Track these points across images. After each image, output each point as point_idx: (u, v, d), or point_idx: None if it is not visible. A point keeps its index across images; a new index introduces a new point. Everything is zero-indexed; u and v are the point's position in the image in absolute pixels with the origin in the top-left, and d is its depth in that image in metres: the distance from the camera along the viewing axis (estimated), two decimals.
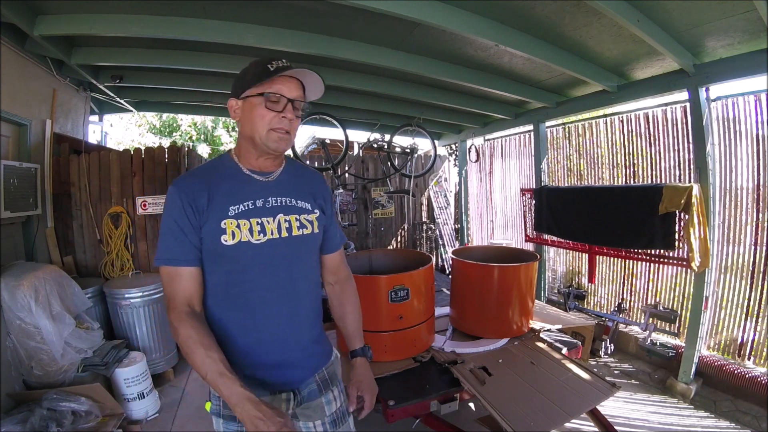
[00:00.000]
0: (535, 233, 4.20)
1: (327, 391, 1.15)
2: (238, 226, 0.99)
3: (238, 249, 0.98)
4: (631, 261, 3.59)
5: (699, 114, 2.80)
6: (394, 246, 5.95)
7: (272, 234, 1.02)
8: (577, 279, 4.31)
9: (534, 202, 4.11)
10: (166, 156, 3.47)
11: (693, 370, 2.90)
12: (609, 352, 3.47)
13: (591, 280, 3.76)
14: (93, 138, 5.12)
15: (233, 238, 0.98)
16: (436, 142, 5.33)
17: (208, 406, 1.06)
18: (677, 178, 3.28)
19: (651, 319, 3.40)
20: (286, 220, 1.05)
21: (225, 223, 0.98)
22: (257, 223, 1.01)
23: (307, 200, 1.12)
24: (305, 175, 1.19)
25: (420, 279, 2.08)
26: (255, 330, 1.02)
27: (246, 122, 1.01)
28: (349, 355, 1.25)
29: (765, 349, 2.78)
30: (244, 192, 1.03)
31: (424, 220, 6.14)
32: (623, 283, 3.81)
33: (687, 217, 2.73)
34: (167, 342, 3.17)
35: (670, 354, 3.10)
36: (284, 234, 1.04)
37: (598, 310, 3.97)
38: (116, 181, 3.40)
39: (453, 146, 6.19)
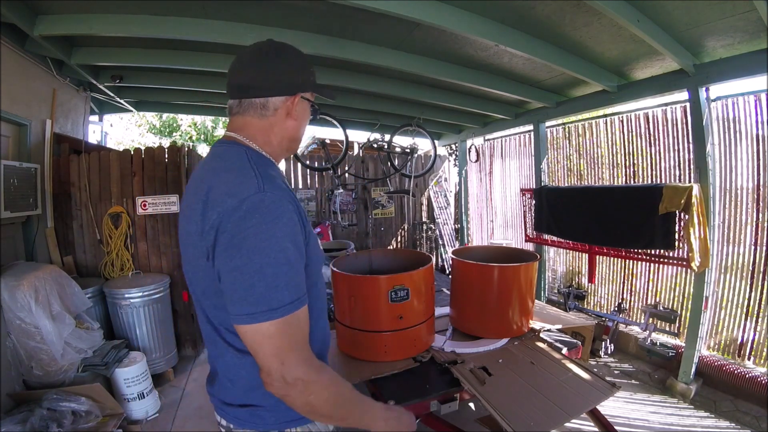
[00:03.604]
0: (535, 233, 4.20)
1: None
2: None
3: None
4: (631, 261, 3.59)
5: (699, 114, 2.80)
6: (394, 246, 5.95)
7: None
8: (577, 279, 4.31)
9: (534, 202, 4.11)
10: (166, 156, 3.46)
11: (693, 370, 2.90)
12: (609, 352, 3.47)
13: (591, 280, 3.76)
14: (93, 138, 5.11)
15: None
16: (436, 142, 5.32)
17: None
18: (677, 178, 3.28)
19: (651, 319, 3.40)
20: None
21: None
22: None
23: None
24: None
25: (420, 279, 2.07)
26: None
27: (298, 124, 0.94)
28: None
29: (765, 349, 2.78)
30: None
31: (424, 220, 6.14)
32: (623, 283, 3.80)
33: (687, 217, 2.73)
34: (167, 342, 3.17)
35: (670, 354, 3.10)
36: None
37: (598, 310, 3.97)
38: (116, 181, 3.39)
39: (453, 146, 6.19)
